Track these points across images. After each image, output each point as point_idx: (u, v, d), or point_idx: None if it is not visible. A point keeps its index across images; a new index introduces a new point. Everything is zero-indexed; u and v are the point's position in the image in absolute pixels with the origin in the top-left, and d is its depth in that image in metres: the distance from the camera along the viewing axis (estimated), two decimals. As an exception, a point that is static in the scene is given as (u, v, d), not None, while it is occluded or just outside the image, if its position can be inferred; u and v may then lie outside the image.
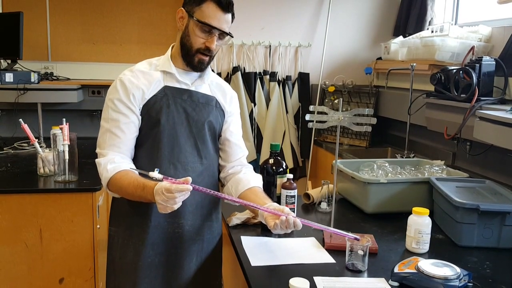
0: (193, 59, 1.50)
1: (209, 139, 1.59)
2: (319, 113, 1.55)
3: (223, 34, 1.49)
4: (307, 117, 1.53)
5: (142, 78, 1.51)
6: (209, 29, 1.46)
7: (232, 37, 1.53)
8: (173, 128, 1.52)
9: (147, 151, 1.53)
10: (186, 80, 1.56)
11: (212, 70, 1.64)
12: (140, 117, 1.51)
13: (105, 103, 1.53)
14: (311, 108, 1.57)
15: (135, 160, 1.54)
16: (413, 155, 2.88)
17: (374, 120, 1.51)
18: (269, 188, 1.80)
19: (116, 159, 1.46)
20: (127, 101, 1.48)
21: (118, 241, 1.59)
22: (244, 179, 1.61)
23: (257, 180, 1.63)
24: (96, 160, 1.50)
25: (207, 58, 1.51)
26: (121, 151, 1.49)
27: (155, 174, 1.29)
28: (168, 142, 1.51)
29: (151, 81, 1.51)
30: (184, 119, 1.54)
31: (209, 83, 1.62)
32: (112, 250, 1.61)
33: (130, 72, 1.53)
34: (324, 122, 1.54)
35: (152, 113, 1.50)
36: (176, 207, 1.29)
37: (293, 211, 1.72)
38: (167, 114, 1.51)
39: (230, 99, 1.67)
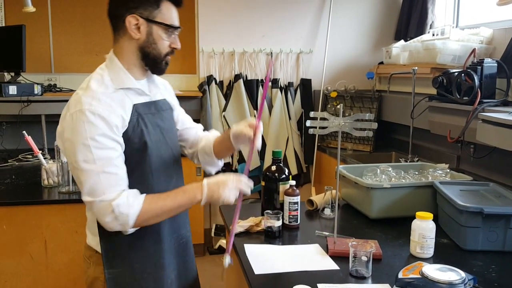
0: (162, 64, 1.38)
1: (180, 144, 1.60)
2: (320, 119, 1.55)
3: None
4: (308, 123, 1.53)
5: (114, 105, 1.28)
6: (173, 31, 1.36)
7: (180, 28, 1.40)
8: (157, 148, 1.39)
9: (139, 178, 1.36)
10: (146, 90, 1.40)
11: (214, 79, 1.63)
12: (123, 146, 1.31)
13: (80, 144, 1.23)
14: (312, 114, 1.57)
15: None
16: (417, 159, 2.86)
17: (375, 125, 1.51)
18: (272, 195, 1.79)
19: (129, 192, 1.28)
20: (112, 133, 1.26)
21: (125, 281, 1.39)
22: (203, 136, 1.63)
23: (213, 134, 1.64)
24: (98, 209, 1.25)
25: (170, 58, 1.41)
26: (123, 189, 1.28)
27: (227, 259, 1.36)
28: (156, 161, 1.39)
29: (123, 105, 1.31)
30: (159, 134, 1.41)
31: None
32: None
33: (95, 101, 1.26)
34: (325, 128, 1.54)
35: (135, 139, 1.32)
36: (232, 199, 1.33)
37: (297, 218, 1.74)
38: (148, 135, 1.35)
39: (169, 91, 1.57)
